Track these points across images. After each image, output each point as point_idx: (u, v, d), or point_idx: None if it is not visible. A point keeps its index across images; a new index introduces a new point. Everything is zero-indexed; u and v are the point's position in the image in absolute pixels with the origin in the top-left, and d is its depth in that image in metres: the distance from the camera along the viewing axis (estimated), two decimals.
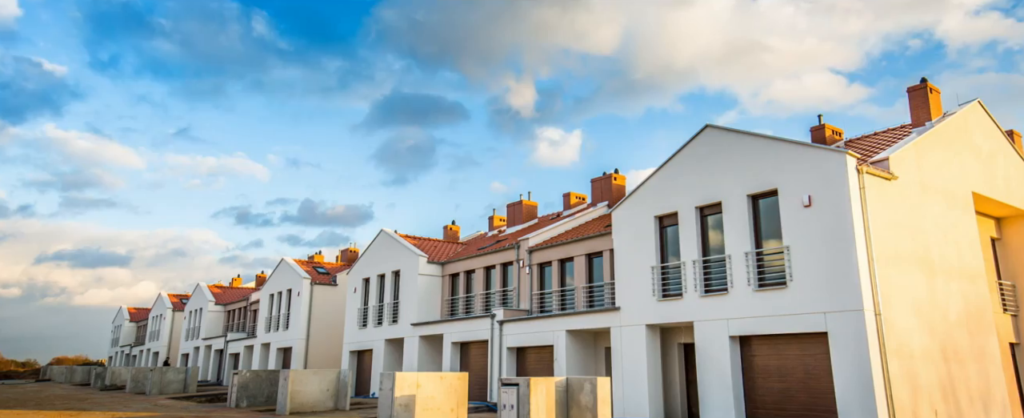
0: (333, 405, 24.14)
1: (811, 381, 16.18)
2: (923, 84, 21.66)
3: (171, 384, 34.88)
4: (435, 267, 30.87)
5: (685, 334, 19.91)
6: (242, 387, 26.38)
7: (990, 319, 18.86)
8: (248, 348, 45.10)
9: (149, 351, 64.50)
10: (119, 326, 77.59)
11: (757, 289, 17.09)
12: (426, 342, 29.29)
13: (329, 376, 24.43)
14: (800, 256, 16.32)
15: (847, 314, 15.28)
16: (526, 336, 23.86)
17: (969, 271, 18.75)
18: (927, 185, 18.30)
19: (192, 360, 54.58)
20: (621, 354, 19.98)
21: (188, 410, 25.15)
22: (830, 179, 16.08)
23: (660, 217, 19.93)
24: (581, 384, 15.06)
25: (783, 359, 16.84)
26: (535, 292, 25.99)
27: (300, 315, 38.41)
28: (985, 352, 18.14)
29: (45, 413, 25.28)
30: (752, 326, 17.05)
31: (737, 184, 18.00)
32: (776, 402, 16.83)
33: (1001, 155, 21.96)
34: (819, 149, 16.78)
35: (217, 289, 57.50)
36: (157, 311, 64.55)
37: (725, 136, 18.69)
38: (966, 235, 19.19)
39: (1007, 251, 22.48)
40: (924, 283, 17.04)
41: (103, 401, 31.47)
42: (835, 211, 15.86)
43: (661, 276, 19.51)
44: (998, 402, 17.91)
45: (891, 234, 16.44)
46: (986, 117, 21.92)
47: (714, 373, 17.56)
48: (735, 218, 17.89)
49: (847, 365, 15.10)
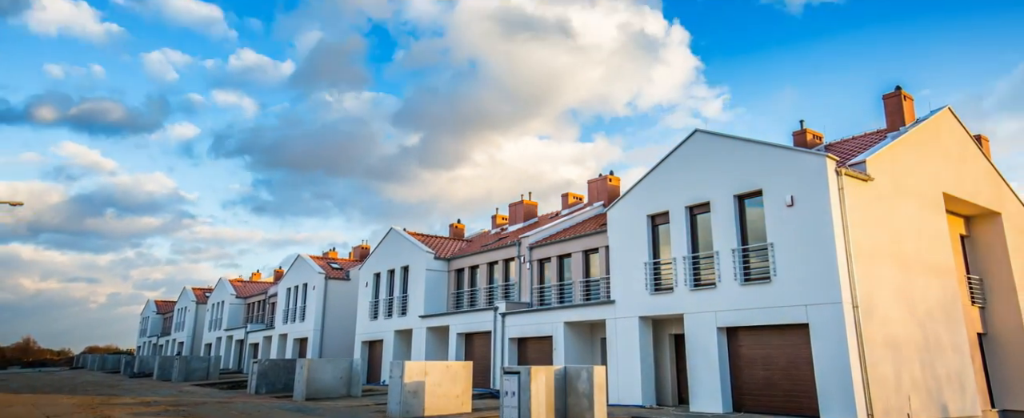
0: (346, 392, 24.11)
1: (793, 369, 16.14)
2: (897, 91, 21.62)
3: (195, 372, 34.84)
4: (441, 263, 30.82)
5: (676, 325, 19.87)
6: (261, 375, 26.36)
7: (959, 311, 18.82)
8: (267, 338, 45.05)
9: (174, 341, 64.49)
10: (147, 318, 77.61)
11: (743, 283, 17.05)
12: (433, 333, 29.24)
13: (342, 365, 24.39)
14: (783, 253, 16.28)
15: (827, 307, 15.24)
16: (527, 327, 23.81)
17: (940, 266, 18.71)
18: (901, 186, 18.26)
19: (214, 349, 54.53)
20: (616, 344, 19.94)
21: (211, 396, 25.13)
22: (811, 181, 16.04)
23: (652, 216, 19.88)
24: (578, 372, 15.01)
25: (767, 349, 16.80)
26: (535, 286, 25.94)
27: (315, 308, 38.37)
28: (955, 342, 18.10)
29: (79, 397, 25.27)
30: (738, 318, 17.01)
31: (724, 185, 17.95)
32: (760, 389, 16.78)
33: (969, 158, 21.92)
34: (801, 153, 16.74)
35: (238, 283, 57.46)
36: (182, 304, 64.51)
37: (713, 140, 18.64)
38: (937, 233, 19.15)
39: (975, 247, 22.45)
40: (898, 277, 16.99)
41: (132, 387, 31.46)
42: (815, 210, 15.82)
43: (653, 271, 19.47)
44: (967, 388, 17.87)
45: (868, 232, 16.39)
46: (956, 123, 21.87)
47: (703, 362, 17.52)
48: (722, 217, 17.85)
49: (827, 354, 15.06)
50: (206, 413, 18.54)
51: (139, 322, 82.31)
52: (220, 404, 21.55)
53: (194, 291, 62.79)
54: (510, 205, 35.29)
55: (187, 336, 60.52)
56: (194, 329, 60.27)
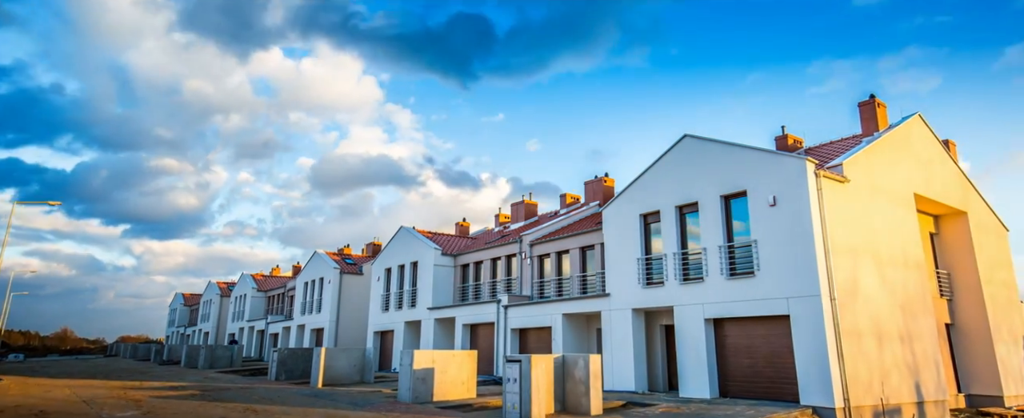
0: (359, 378, 24.08)
1: (775, 358, 16.09)
2: (871, 99, 21.61)
3: (220, 359, 34.79)
4: (448, 259, 30.78)
5: (666, 317, 19.82)
6: (281, 363, 26.33)
7: (929, 303, 18.77)
8: (286, 329, 45.01)
9: (200, 331, 64.45)
10: (175, 309, 77.62)
11: (729, 278, 17.00)
12: (440, 324, 29.20)
13: (356, 353, 24.36)
14: (766, 249, 16.23)
15: (806, 299, 15.19)
16: (528, 319, 23.77)
17: (911, 261, 18.65)
18: (875, 187, 18.21)
19: (237, 339, 54.50)
20: (610, 334, 19.89)
21: (234, 382, 25.10)
22: (792, 182, 16.00)
23: (644, 215, 19.83)
24: (576, 360, 14.98)
25: (751, 338, 16.75)
26: (535, 280, 25.89)
27: (330, 300, 38.32)
28: (924, 331, 18.05)
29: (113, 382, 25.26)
30: (724, 310, 16.96)
31: (711, 186, 17.91)
32: (745, 376, 16.74)
33: (938, 161, 21.87)
34: (782, 156, 16.69)
35: (259, 277, 57.43)
36: (207, 296, 64.48)
37: (701, 144, 18.60)
38: (908, 230, 19.10)
39: (943, 244, 22.40)
40: (873, 272, 16.94)
41: (161, 373, 31.44)
42: (796, 210, 15.77)
43: (645, 266, 19.42)
44: (936, 374, 17.82)
45: (844, 230, 16.34)
46: (925, 128, 21.82)
47: (691, 350, 17.47)
48: (710, 216, 17.80)
49: (806, 343, 15.02)
50: (230, 398, 18.52)
51: (167, 313, 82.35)
52: (242, 389, 21.52)
53: (218, 284, 62.78)
54: (512, 205, 35.44)
55: (212, 326, 60.49)
56: (218, 320, 60.24)
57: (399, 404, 16.79)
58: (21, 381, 27.98)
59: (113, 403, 17.37)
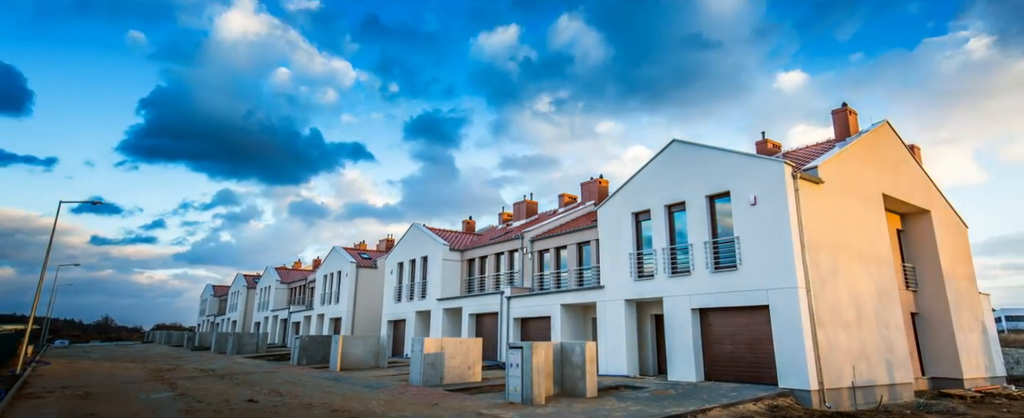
0: (374, 363, 24.10)
1: (756, 344, 16.07)
2: (843, 107, 21.56)
3: (246, 346, 34.84)
4: (456, 253, 30.77)
5: (656, 307, 19.80)
6: (302, 349, 26.35)
7: (896, 294, 18.73)
8: (306, 318, 45.04)
9: (228, 320, 64.49)
10: (206, 300, 77.70)
11: (713, 271, 16.98)
12: (448, 314, 29.20)
13: (371, 340, 24.37)
14: (747, 244, 16.20)
15: (784, 290, 15.17)
16: (529, 309, 23.76)
17: (880, 256, 18.62)
18: (847, 188, 18.18)
19: (262, 327, 54.55)
20: (605, 323, 19.88)
21: (259, 366, 25.12)
22: (771, 183, 15.97)
23: (636, 213, 19.81)
24: (573, 347, 14.97)
25: (734, 327, 16.73)
26: (536, 274, 25.88)
27: (348, 292, 38.33)
28: (892, 320, 18.02)
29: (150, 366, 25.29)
30: (709, 300, 16.94)
31: (698, 187, 17.88)
32: (728, 361, 16.71)
33: (904, 164, 21.83)
34: (763, 159, 16.66)
35: (282, 270, 57.46)
36: (235, 288, 64.52)
37: (688, 148, 18.57)
38: (877, 228, 19.06)
39: (909, 240, 22.37)
40: (845, 265, 16.92)
41: (193, 358, 31.47)
42: (775, 208, 15.74)
43: (636, 261, 19.40)
44: (902, 359, 17.80)
45: (819, 227, 16.31)
46: (893, 134, 21.77)
47: (679, 338, 17.46)
48: (696, 214, 17.78)
49: (784, 331, 14.99)
50: (256, 381, 18.52)
51: (198, 303, 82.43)
52: (267, 373, 21.52)
53: (245, 277, 62.83)
54: (514, 204, 35.48)
55: (239, 315, 60.53)
56: (245, 309, 60.28)
57: (411, 387, 16.79)
58: (68, 364, 28.01)
59: (150, 385, 17.38)
